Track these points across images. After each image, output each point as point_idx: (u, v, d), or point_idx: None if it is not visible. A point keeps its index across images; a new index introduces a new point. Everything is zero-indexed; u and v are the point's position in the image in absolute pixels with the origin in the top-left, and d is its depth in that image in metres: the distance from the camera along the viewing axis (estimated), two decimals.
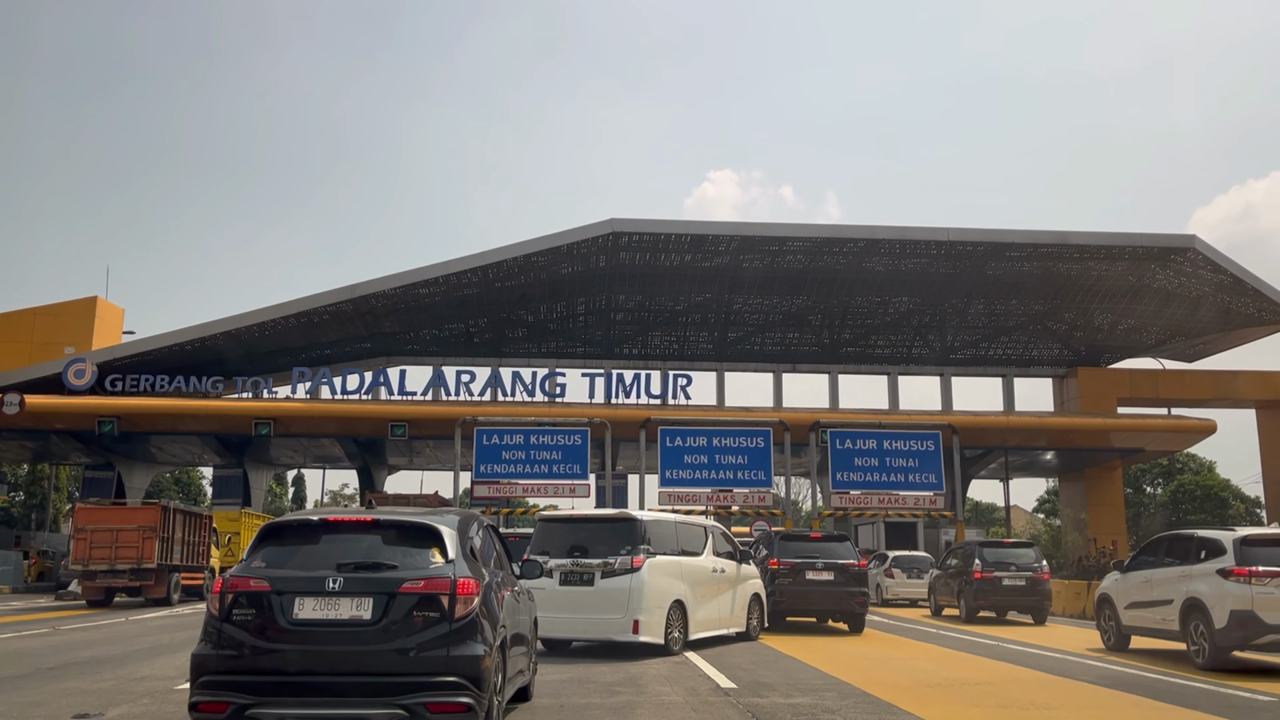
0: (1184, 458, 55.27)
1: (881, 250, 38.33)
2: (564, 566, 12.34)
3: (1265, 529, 13.91)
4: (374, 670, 6.36)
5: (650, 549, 12.54)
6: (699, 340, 44.39)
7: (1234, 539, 11.77)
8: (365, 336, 41.54)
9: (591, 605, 12.19)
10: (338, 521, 7.01)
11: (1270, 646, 11.25)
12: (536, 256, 37.36)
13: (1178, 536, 13.50)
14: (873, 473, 27.58)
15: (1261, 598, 11.06)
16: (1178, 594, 12.13)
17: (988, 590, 19.56)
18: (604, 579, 12.18)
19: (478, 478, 27.49)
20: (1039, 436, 37.69)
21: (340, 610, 6.45)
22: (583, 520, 13.73)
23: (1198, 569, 11.97)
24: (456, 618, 6.47)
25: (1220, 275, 38.40)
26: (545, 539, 12.98)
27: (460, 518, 7.37)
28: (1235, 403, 42.39)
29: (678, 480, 27.52)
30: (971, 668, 11.77)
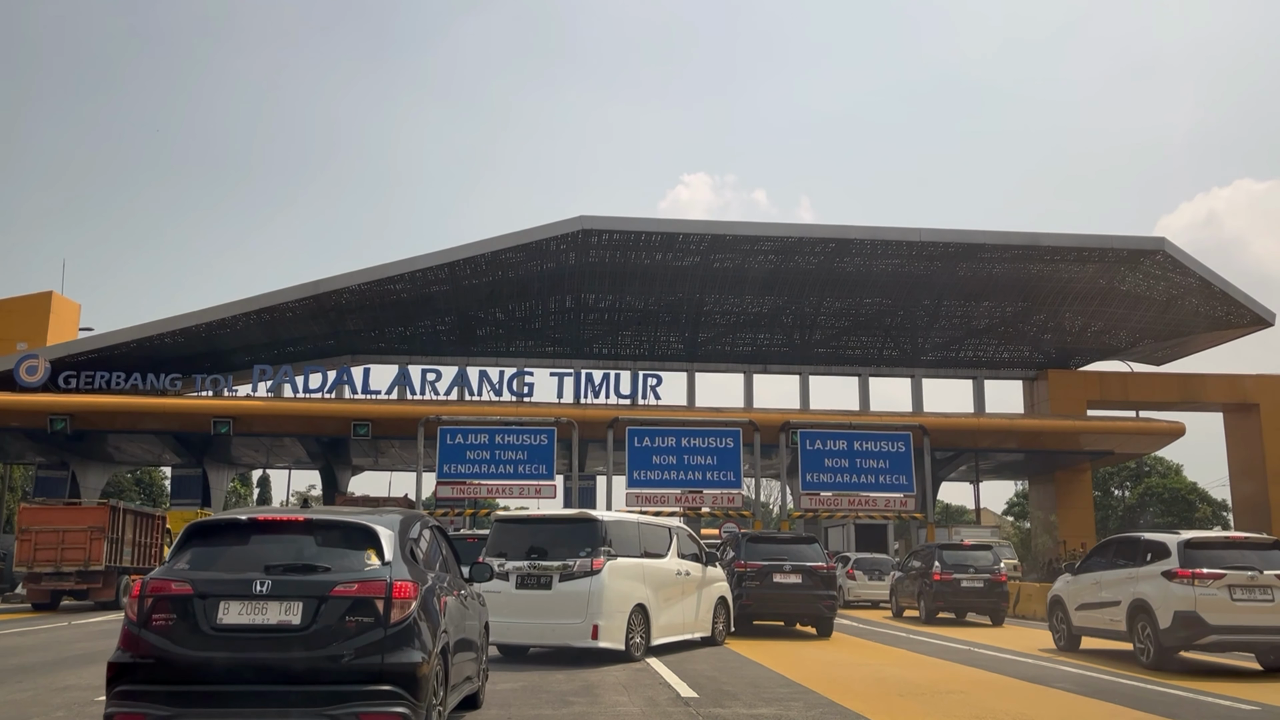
0: (1152, 461, 55.54)
1: (853, 250, 38.11)
2: (521, 569, 11.84)
3: (1208, 532, 14.16)
4: (303, 678, 5.91)
5: (611, 551, 12.06)
6: (670, 340, 44.00)
7: (1178, 542, 11.95)
8: (330, 334, 40.81)
9: (549, 609, 11.70)
10: (268, 521, 6.51)
11: (1213, 647, 11.43)
12: (505, 254, 36.82)
13: (1126, 539, 13.67)
14: (843, 474, 27.26)
15: (1204, 599, 11.26)
16: (1125, 595, 12.33)
17: (947, 592, 19.82)
18: (562, 582, 11.69)
19: (441, 478, 26.90)
20: (1009, 438, 37.61)
21: (268, 615, 5.99)
22: (541, 521, 13.21)
23: (1144, 571, 12.17)
24: (392, 623, 6.03)
25: (1189, 278, 38.52)
26: (502, 540, 12.46)
27: (401, 518, 6.91)
28: (1203, 406, 42.57)
29: (646, 481, 27.06)
30: (939, 674, 11.40)
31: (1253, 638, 11.43)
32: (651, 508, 26.12)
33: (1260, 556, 11.73)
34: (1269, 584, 11.34)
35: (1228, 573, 11.41)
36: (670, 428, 27.91)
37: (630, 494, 26.91)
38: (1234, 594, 11.31)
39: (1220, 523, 53.39)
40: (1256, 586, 11.34)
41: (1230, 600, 11.28)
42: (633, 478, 27.02)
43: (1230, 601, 11.27)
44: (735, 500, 27.41)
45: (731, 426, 27.98)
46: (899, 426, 28.59)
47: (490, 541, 12.59)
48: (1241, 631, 11.29)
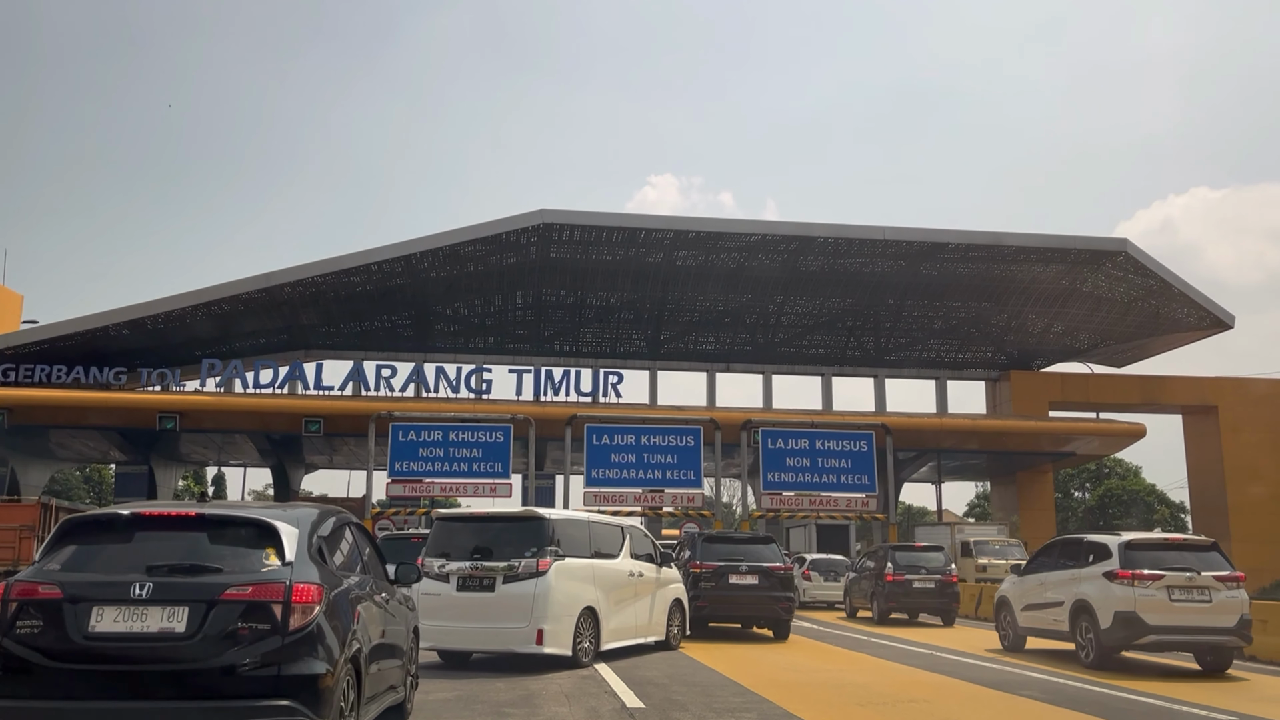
0: (1111, 463, 55.77)
1: (817, 249, 37.72)
2: (462, 570, 11.20)
3: (1148, 534, 14.41)
4: (187, 693, 5.28)
5: (559, 551, 11.44)
6: (632, 338, 43.39)
7: (1119, 543, 12.14)
8: (282, 329, 39.75)
9: (492, 613, 11.04)
10: (153, 516, 5.81)
11: (1152, 647, 11.72)
12: (464, 247, 36.01)
13: (1069, 540, 13.89)
14: (804, 473, 26.84)
15: (1144, 599, 11.49)
16: (1068, 596, 12.53)
17: (899, 593, 20.02)
18: (506, 584, 11.01)
19: (393, 476, 26.15)
20: (972, 439, 37.38)
21: (148, 622, 5.31)
22: (484, 519, 12.52)
23: (1086, 572, 12.37)
24: (292, 629, 5.37)
25: (1150, 280, 38.53)
26: (444, 540, 11.81)
27: (309, 514, 6.25)
28: (1162, 408, 42.65)
29: (604, 480, 26.49)
30: (897, 679, 10.90)
31: (1190, 638, 11.67)
32: (610, 507, 25.53)
33: (1198, 558, 11.96)
34: (1206, 585, 11.56)
35: (1166, 574, 11.61)
36: (629, 425, 27.35)
37: (588, 493, 26.33)
38: (1172, 595, 11.52)
39: (1178, 524, 53.73)
40: (1194, 587, 11.56)
41: (1169, 601, 11.49)
42: (591, 476, 26.44)
43: (1169, 602, 11.48)
44: (696, 500, 26.89)
45: (692, 425, 27.48)
46: (861, 426, 28.17)
47: (431, 541, 11.95)
48: (1179, 631, 11.51)
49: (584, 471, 26.50)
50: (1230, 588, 11.71)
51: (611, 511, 24.39)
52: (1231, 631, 11.55)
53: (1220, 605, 11.54)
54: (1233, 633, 11.56)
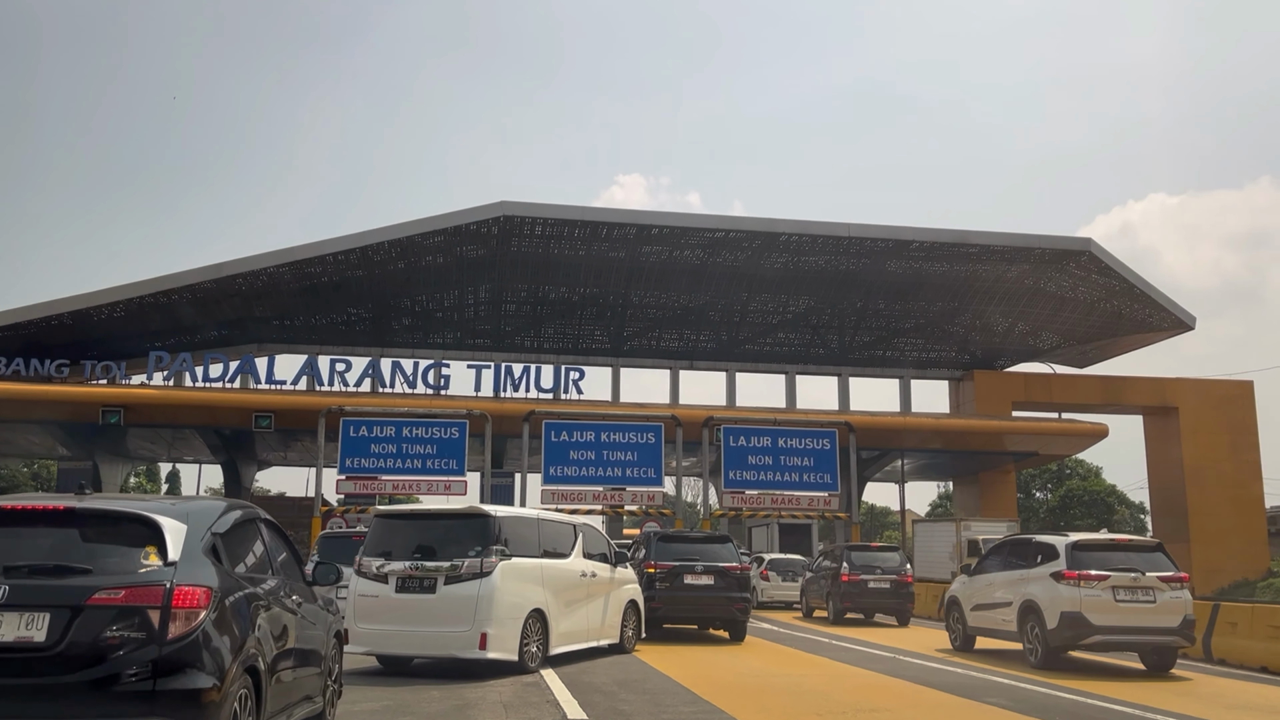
0: (1072, 463, 55.94)
1: (781, 245, 37.30)
2: (401, 570, 10.55)
3: (1095, 535, 14.43)
4: (47, 712, 4.61)
5: (505, 550, 10.81)
6: (595, 335, 42.76)
7: (1066, 544, 12.23)
8: (234, 321, 38.65)
9: (433, 616, 10.37)
10: (16, 511, 5.12)
11: (1097, 647, 11.83)
12: (422, 239, 35.19)
13: (1018, 541, 14.02)
14: (766, 471, 26.39)
15: (1089, 600, 11.58)
16: (1017, 596, 12.63)
17: (854, 593, 20.10)
18: (448, 585, 10.36)
19: (343, 472, 25.38)
20: (935, 438, 37.14)
21: (2, 630, 4.64)
22: (426, 516, 11.88)
23: (1034, 572, 12.45)
24: (171, 638, 4.72)
25: (1113, 280, 38.52)
26: (384, 538, 11.13)
27: (205, 508, 5.61)
28: (1124, 409, 42.69)
29: (563, 478, 25.88)
30: (857, 685, 10.38)
31: (1135, 638, 11.78)
32: (569, 506, 24.93)
33: (1144, 558, 12.09)
34: (1151, 585, 11.68)
35: (1112, 574, 11.71)
36: (589, 421, 26.75)
37: (546, 491, 25.70)
38: (1118, 595, 11.62)
39: (1138, 525, 53.98)
40: (1139, 588, 11.68)
41: (1114, 601, 11.59)
42: (549, 474, 25.82)
43: (1114, 602, 11.58)
44: (657, 499, 26.35)
45: (653, 422, 26.93)
46: (824, 424, 27.74)
47: (369, 539, 11.29)
48: (1124, 632, 11.63)
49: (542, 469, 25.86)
50: (1174, 588, 11.79)
51: (570, 510, 23.78)
52: (1175, 631, 11.63)
53: (1164, 606, 11.64)
54: (1176, 633, 11.64)
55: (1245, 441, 41.79)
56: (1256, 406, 42.23)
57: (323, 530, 17.60)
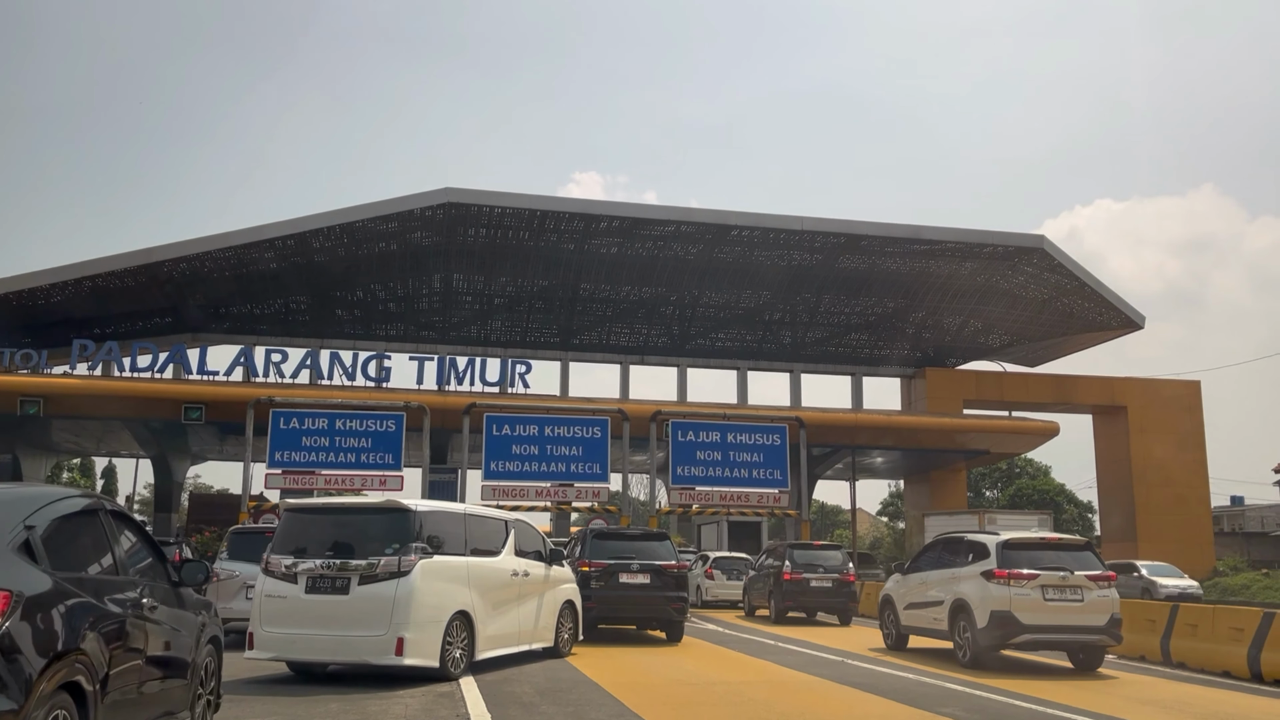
0: (1022, 462, 56.10)
1: (733, 239, 36.67)
2: (312, 569, 9.65)
3: (1026, 533, 14.35)
4: None
5: (426, 547, 9.98)
6: (544, 328, 41.84)
7: (997, 542, 12.20)
8: (167, 310, 37.18)
9: (346, 619, 9.50)
10: None
11: (1027, 646, 11.79)
12: (363, 225, 34.02)
13: (951, 539, 13.89)
14: (715, 467, 25.62)
15: (1019, 599, 11.54)
16: (948, 595, 12.56)
17: (796, 592, 19.83)
18: (363, 585, 9.52)
19: (273, 466, 24.11)
20: (887, 435, 36.75)
21: None
22: (340, 511, 10.98)
23: (965, 571, 12.41)
24: None
25: (1065, 279, 38.44)
26: (294, 534, 10.22)
27: (20, 497, 4.71)
28: (1074, 407, 42.73)
29: (505, 473, 24.88)
30: (799, 692, 9.64)
31: (1063, 636, 11.80)
32: (510, 502, 24.04)
33: (1073, 557, 12.10)
34: (1079, 584, 11.69)
35: (1041, 573, 11.68)
36: (532, 415, 25.80)
37: (487, 487, 24.70)
38: (1047, 594, 11.60)
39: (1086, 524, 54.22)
40: (1068, 587, 11.66)
41: (1043, 600, 11.56)
42: (490, 469, 24.82)
43: (1043, 601, 11.56)
44: (602, 495, 25.50)
45: (599, 415, 26.03)
46: (775, 418, 27.07)
47: (278, 535, 10.35)
48: (1053, 631, 11.62)
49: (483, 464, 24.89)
50: (1102, 587, 11.82)
51: (512, 507, 22.89)
52: (1102, 630, 11.67)
53: (1092, 604, 11.66)
54: (1103, 631, 11.68)
55: (1192, 441, 42.04)
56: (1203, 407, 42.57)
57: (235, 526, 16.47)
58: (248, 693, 8.74)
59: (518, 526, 12.19)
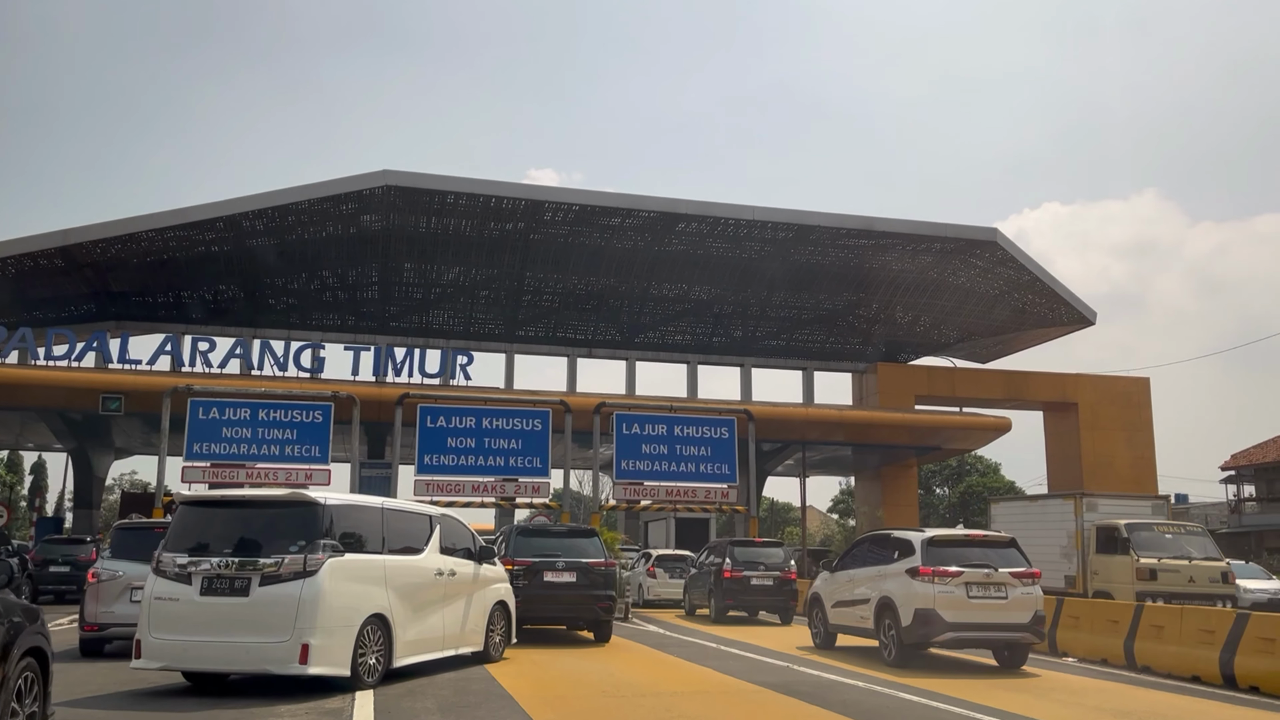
0: (972, 460, 55.85)
1: (683, 227, 35.68)
2: (209, 569, 8.80)
3: (952, 530, 14.22)
4: None
5: (337, 545, 9.11)
6: (488, 319, 40.53)
7: (922, 539, 12.14)
8: (89, 297, 35.32)
9: (246, 624, 8.68)
10: None
11: (951, 644, 11.76)
12: (298, 209, 32.49)
13: (878, 536, 13.89)
14: (662, 461, 24.68)
15: (943, 596, 11.47)
16: (874, 593, 12.48)
17: (737, 590, 19.38)
18: (265, 586, 8.72)
19: (190, 459, 22.79)
20: (838, 430, 35.97)
21: None
22: (241, 504, 9.98)
23: (891, 568, 12.33)
24: None
25: (1018, 273, 38.02)
26: (189, 530, 9.31)
27: None
28: (1025, 403, 42.37)
29: (439, 467, 23.72)
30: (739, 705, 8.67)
31: (987, 634, 11.72)
32: (445, 497, 22.90)
33: (998, 554, 12.06)
34: (1003, 582, 11.66)
35: (965, 570, 11.64)
36: (469, 406, 24.64)
37: (420, 482, 23.54)
38: (970, 591, 11.57)
39: None
40: (992, 584, 11.64)
41: (967, 597, 11.53)
42: (423, 463, 23.65)
43: (967, 599, 11.52)
44: (543, 490, 24.40)
45: (540, 407, 24.94)
46: (723, 410, 26.17)
47: (171, 531, 9.42)
48: (976, 628, 11.55)
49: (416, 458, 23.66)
50: (1025, 584, 11.79)
51: (446, 503, 21.74)
52: (1025, 628, 11.66)
53: (1015, 602, 11.64)
54: (1026, 629, 11.67)
55: (1140, 438, 41.93)
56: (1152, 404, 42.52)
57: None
58: (120, 706, 7.95)
59: (444, 522, 11.32)
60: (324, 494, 9.79)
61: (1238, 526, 50.63)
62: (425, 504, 12.84)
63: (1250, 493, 51.13)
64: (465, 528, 11.88)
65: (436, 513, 11.49)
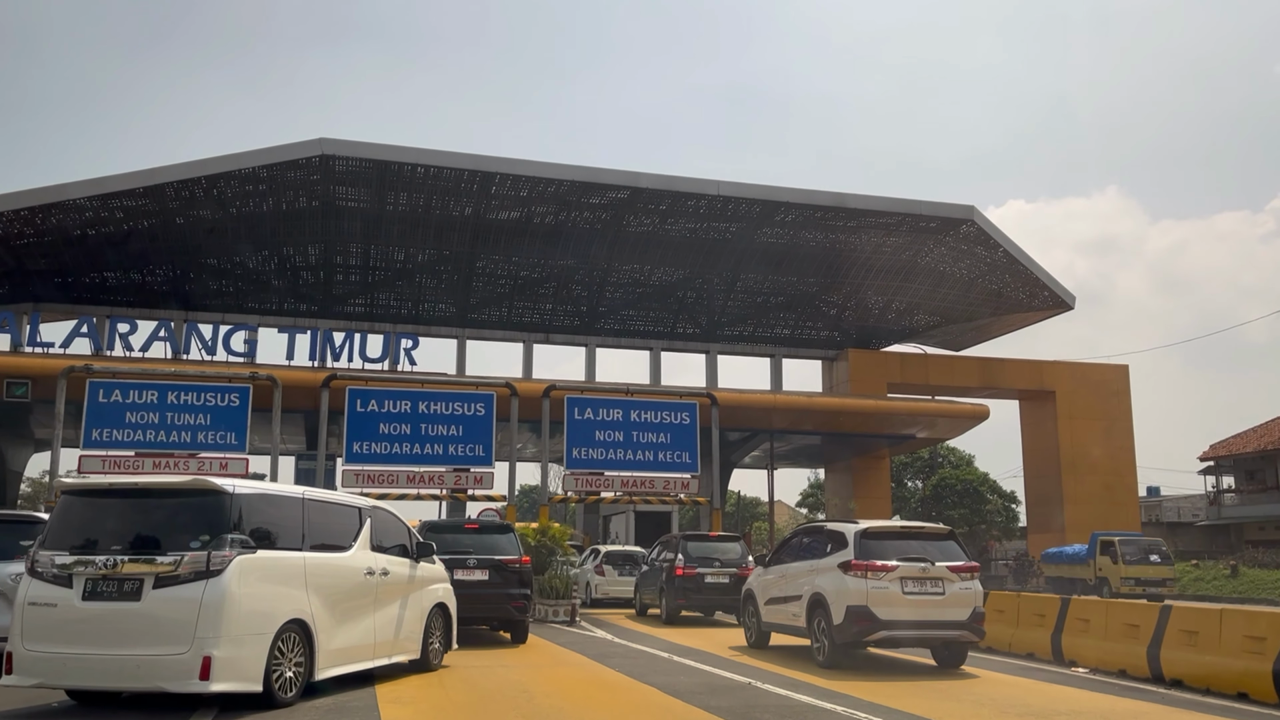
0: (945, 451, 54.25)
1: (645, 204, 33.66)
2: (93, 570, 7.47)
3: (886, 521, 13.28)
4: None
5: (248, 540, 7.78)
6: (437, 303, 38.30)
7: (855, 532, 11.40)
8: (2, 276, 32.67)
9: (137, 633, 7.35)
10: None
11: (885, 642, 11.09)
12: (228, 179, 30.07)
13: (812, 528, 13.18)
14: (617, 449, 22.57)
15: (876, 593, 10.79)
16: (806, 589, 11.78)
17: (690, 588, 17.84)
18: (160, 589, 7.41)
19: (88, 447, 20.42)
20: (807, 418, 34.09)
21: None
22: (134, 494, 8.32)
23: (824, 563, 11.66)
24: None
25: (995, 254, 36.39)
26: (71, 524, 7.96)
27: None
28: (1000, 392, 40.77)
29: (370, 456, 21.47)
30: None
31: (923, 633, 11.07)
32: (378, 489, 20.70)
33: (936, 547, 11.34)
34: (940, 576, 10.98)
35: (900, 564, 10.95)
36: (403, 388, 22.41)
37: (349, 471, 21.30)
38: (906, 587, 10.90)
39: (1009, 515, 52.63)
40: (928, 579, 10.98)
41: (902, 594, 10.87)
42: (352, 451, 21.39)
43: (902, 595, 10.86)
44: (485, 480, 22.21)
45: (483, 390, 22.75)
46: (684, 392, 24.14)
47: (51, 525, 8.09)
48: (911, 626, 10.87)
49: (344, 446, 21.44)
50: (964, 579, 11.08)
51: (379, 495, 19.58)
52: (964, 625, 10.98)
53: (953, 598, 10.95)
54: (965, 626, 10.99)
55: (1119, 427, 40.53)
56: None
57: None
58: None
59: (375, 515, 9.88)
60: (232, 482, 8.26)
61: (1216, 519, 49.48)
62: (355, 496, 10.92)
63: (1230, 484, 49.96)
64: (400, 522, 10.54)
65: (367, 505, 10.00)
